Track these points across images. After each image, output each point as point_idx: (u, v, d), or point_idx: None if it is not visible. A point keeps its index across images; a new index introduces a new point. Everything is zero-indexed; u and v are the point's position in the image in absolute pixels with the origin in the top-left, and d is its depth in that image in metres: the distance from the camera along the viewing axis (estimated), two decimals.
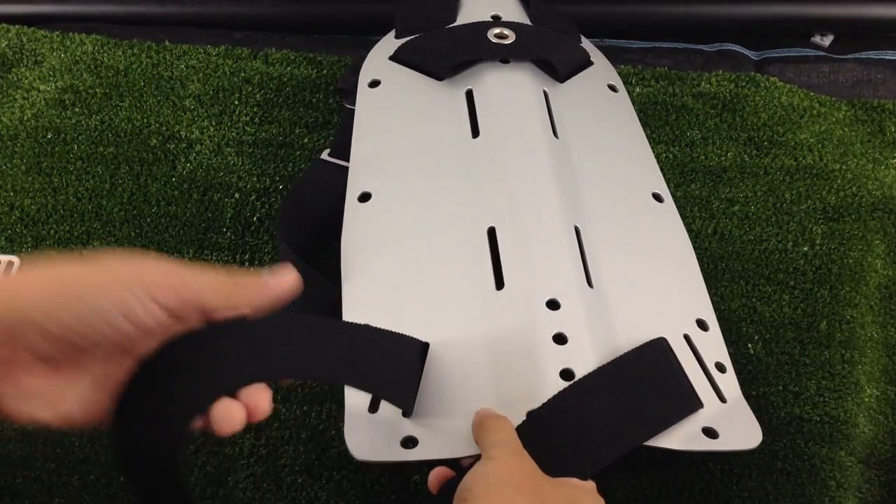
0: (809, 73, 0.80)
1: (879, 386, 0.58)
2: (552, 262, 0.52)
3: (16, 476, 0.51)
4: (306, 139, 0.70)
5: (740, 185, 0.68)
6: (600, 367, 0.47)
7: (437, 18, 0.70)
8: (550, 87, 0.65)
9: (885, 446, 0.55)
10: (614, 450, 0.45)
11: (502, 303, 0.50)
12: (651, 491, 0.51)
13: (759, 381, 0.56)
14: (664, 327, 0.51)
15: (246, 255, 0.62)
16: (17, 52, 0.77)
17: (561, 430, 0.44)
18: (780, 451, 0.53)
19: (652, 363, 0.49)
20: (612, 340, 0.50)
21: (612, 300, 0.52)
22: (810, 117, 0.74)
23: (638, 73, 0.78)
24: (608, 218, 0.57)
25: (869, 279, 0.63)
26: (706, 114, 0.74)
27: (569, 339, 0.48)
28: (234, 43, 0.80)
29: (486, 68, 0.65)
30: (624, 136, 0.66)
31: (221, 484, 0.51)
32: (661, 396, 0.47)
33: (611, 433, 0.45)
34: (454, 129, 0.61)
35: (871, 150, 0.72)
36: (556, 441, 0.44)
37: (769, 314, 0.60)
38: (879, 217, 0.67)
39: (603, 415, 0.45)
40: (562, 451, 0.44)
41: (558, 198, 0.55)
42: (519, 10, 0.72)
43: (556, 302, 0.50)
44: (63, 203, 0.65)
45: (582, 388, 0.46)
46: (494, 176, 0.57)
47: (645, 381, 0.47)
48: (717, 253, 0.64)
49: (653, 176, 0.63)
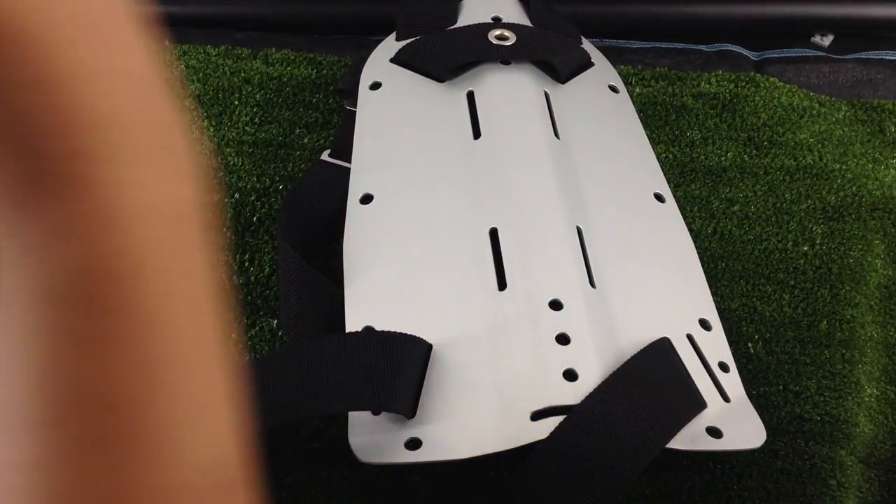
0: (809, 74, 0.80)
1: (879, 385, 0.58)
2: (554, 262, 0.52)
3: None
4: (306, 139, 0.70)
5: (740, 185, 0.68)
6: (614, 372, 0.47)
7: (437, 21, 0.70)
8: (551, 88, 0.65)
9: (886, 446, 0.55)
10: (643, 458, 0.45)
11: (504, 304, 0.50)
12: (651, 491, 0.51)
13: (760, 381, 0.56)
14: (667, 327, 0.51)
15: (246, 255, 0.62)
16: None
17: (587, 446, 0.44)
18: (781, 451, 0.53)
19: (657, 365, 0.49)
20: (615, 341, 0.50)
21: (615, 300, 0.52)
22: (810, 117, 0.74)
23: (638, 73, 0.78)
24: (610, 218, 0.57)
25: (869, 279, 0.63)
26: (706, 114, 0.74)
27: (571, 340, 0.48)
28: (234, 43, 0.80)
29: (487, 70, 0.65)
30: (625, 137, 0.66)
31: None
32: (668, 398, 0.47)
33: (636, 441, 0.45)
34: (455, 130, 0.61)
35: (871, 150, 0.72)
36: (584, 458, 0.44)
37: (769, 314, 0.60)
38: (879, 217, 0.67)
39: (626, 423, 0.45)
40: (592, 467, 0.44)
41: (560, 198, 0.56)
42: (519, 12, 0.72)
43: (559, 302, 0.50)
44: None
45: (602, 398, 0.46)
46: (496, 177, 0.57)
47: (653, 383, 0.47)
48: (717, 253, 0.64)
49: (654, 176, 0.63)
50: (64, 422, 0.20)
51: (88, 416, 0.20)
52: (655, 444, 0.46)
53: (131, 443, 0.21)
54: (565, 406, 0.46)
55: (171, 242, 0.23)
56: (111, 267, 0.21)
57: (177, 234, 0.23)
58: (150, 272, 0.22)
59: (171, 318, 0.22)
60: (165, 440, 0.21)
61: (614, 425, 0.45)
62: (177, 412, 0.22)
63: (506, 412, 0.46)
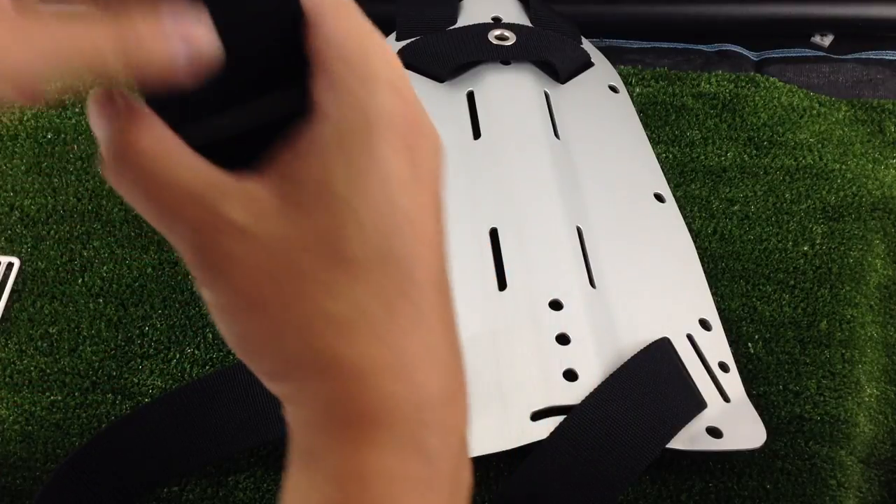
0: (809, 73, 0.80)
1: (879, 385, 0.58)
2: (554, 262, 0.52)
3: (16, 476, 0.51)
4: None
5: (740, 185, 0.68)
6: (614, 373, 0.47)
7: (437, 21, 0.70)
8: (551, 88, 0.65)
9: (885, 446, 0.55)
10: (643, 458, 0.45)
11: (505, 304, 0.50)
12: (651, 491, 0.51)
13: (760, 381, 0.56)
14: (667, 327, 0.51)
15: None
16: None
17: (587, 446, 0.44)
18: (781, 451, 0.53)
19: (657, 365, 0.49)
20: (615, 341, 0.50)
21: (615, 300, 0.52)
22: (810, 117, 0.74)
23: (638, 73, 0.77)
24: (610, 218, 0.57)
25: (869, 279, 0.63)
26: (706, 114, 0.74)
27: (572, 340, 0.48)
28: None
29: (487, 70, 0.65)
30: (625, 137, 0.66)
31: (221, 484, 0.51)
32: (668, 398, 0.47)
33: (635, 442, 0.45)
34: (455, 130, 0.61)
35: (871, 150, 0.72)
36: (585, 458, 0.44)
37: (769, 313, 0.60)
38: (879, 217, 0.67)
39: (626, 424, 0.45)
40: (593, 467, 0.44)
41: (560, 198, 0.56)
42: (519, 12, 0.72)
43: (559, 302, 0.50)
44: (63, 203, 0.64)
45: (602, 398, 0.46)
46: (496, 177, 0.57)
47: (653, 384, 0.48)
48: (717, 252, 0.64)
49: (654, 176, 0.63)
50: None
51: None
52: (655, 444, 0.46)
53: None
54: (565, 406, 0.46)
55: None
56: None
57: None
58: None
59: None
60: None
61: (614, 425, 0.45)
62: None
63: (506, 412, 0.46)
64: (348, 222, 0.22)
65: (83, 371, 0.55)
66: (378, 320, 0.22)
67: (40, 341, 0.56)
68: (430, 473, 0.23)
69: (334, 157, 0.22)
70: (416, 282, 0.24)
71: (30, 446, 0.52)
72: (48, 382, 0.54)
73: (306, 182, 0.22)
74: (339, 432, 0.22)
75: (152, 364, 0.55)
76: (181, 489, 0.50)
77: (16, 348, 0.56)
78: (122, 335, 0.57)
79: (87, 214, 0.64)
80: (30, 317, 0.58)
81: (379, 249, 0.23)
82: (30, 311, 0.58)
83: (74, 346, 0.56)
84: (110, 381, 0.55)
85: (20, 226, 0.63)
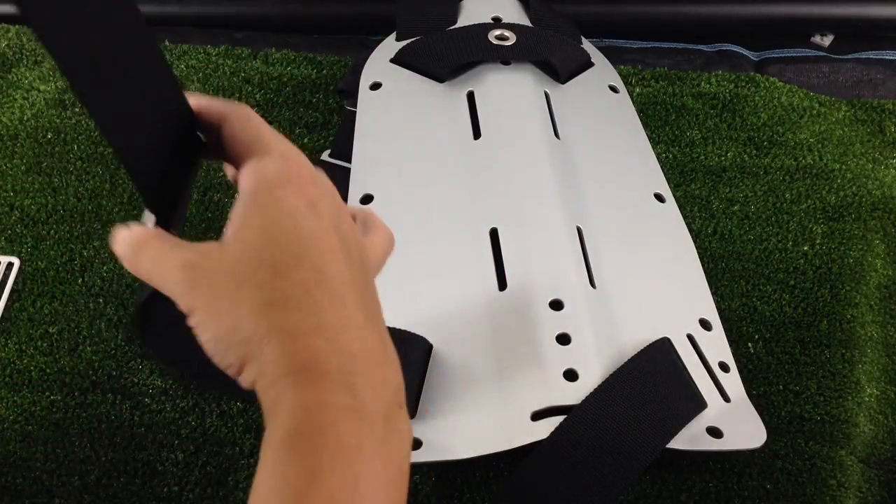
0: (809, 73, 0.80)
1: (879, 385, 0.58)
2: (554, 262, 0.52)
3: (16, 476, 0.51)
4: (306, 139, 0.70)
5: (740, 185, 0.68)
6: (614, 372, 0.47)
7: (437, 21, 0.70)
8: (551, 88, 0.65)
9: (885, 446, 0.55)
10: (643, 458, 0.45)
11: (505, 304, 0.50)
12: (651, 491, 0.51)
13: (760, 381, 0.56)
14: (667, 327, 0.51)
15: None
16: (17, 52, 0.77)
17: (588, 446, 0.44)
18: (781, 451, 0.53)
19: (657, 365, 0.49)
20: (616, 341, 0.50)
21: (615, 300, 0.52)
22: (810, 117, 0.74)
23: (638, 73, 0.78)
24: (610, 218, 0.57)
25: (869, 279, 0.63)
26: (706, 114, 0.74)
27: (572, 340, 0.48)
28: (234, 43, 0.79)
29: (487, 70, 0.65)
30: (625, 137, 0.66)
31: (221, 484, 0.51)
32: (668, 398, 0.47)
33: (635, 442, 0.45)
34: (455, 130, 0.61)
35: (871, 150, 0.72)
36: (585, 458, 0.44)
37: (769, 313, 0.60)
38: (879, 217, 0.67)
39: (626, 423, 0.45)
40: (593, 467, 0.44)
41: (560, 198, 0.56)
42: (519, 12, 0.72)
43: (560, 302, 0.50)
44: (63, 203, 0.64)
45: (602, 398, 0.46)
46: (496, 177, 0.57)
47: (653, 384, 0.47)
48: (717, 253, 0.64)
49: (654, 176, 0.63)
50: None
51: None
52: (656, 444, 0.46)
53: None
54: (566, 406, 0.46)
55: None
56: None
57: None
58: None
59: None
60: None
61: (614, 425, 0.45)
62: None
63: (506, 412, 0.46)
64: (267, 240, 0.31)
65: (83, 371, 0.55)
66: (301, 301, 0.30)
67: (40, 341, 0.56)
68: (361, 406, 0.30)
69: (251, 205, 0.33)
70: (327, 275, 0.31)
71: (30, 446, 0.52)
72: (48, 382, 0.54)
73: (233, 221, 0.33)
74: (288, 379, 0.30)
75: (152, 364, 0.55)
76: (181, 489, 0.50)
77: (16, 348, 0.56)
78: (122, 335, 0.57)
79: (87, 214, 0.64)
80: (30, 317, 0.58)
81: (294, 255, 0.31)
82: (30, 310, 0.58)
83: (74, 345, 0.56)
84: (110, 381, 0.55)
85: (20, 226, 0.63)
